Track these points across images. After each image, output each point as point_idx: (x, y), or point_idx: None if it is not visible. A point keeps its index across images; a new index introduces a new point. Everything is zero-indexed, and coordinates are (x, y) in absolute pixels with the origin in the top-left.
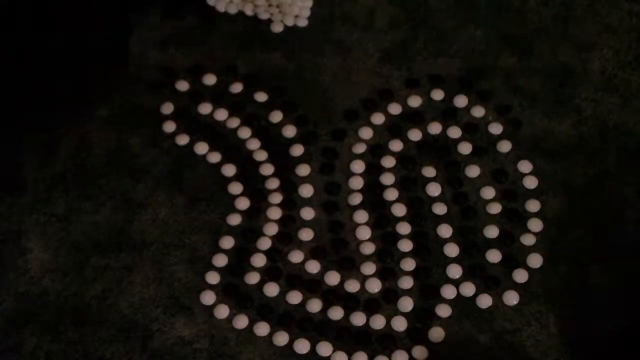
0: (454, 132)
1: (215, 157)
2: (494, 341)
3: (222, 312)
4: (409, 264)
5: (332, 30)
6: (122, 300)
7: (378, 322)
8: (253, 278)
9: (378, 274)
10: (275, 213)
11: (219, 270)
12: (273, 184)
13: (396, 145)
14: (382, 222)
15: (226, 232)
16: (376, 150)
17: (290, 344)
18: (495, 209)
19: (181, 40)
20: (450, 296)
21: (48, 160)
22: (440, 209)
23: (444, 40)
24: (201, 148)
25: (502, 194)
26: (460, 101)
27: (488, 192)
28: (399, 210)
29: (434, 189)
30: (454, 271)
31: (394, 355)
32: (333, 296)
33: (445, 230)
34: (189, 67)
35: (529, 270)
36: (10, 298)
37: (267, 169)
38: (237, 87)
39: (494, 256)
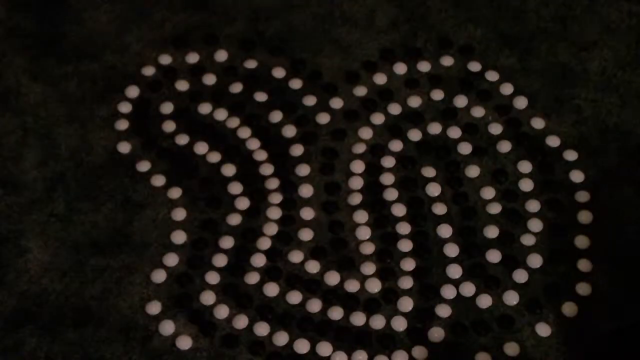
0: (454, 132)
1: (215, 157)
2: (494, 341)
3: (222, 312)
4: (409, 264)
5: (332, 30)
6: (122, 300)
7: (378, 322)
8: (253, 278)
9: (378, 274)
10: (275, 213)
11: (219, 270)
12: (273, 184)
13: (396, 145)
14: (382, 222)
15: (226, 232)
16: (376, 150)
17: (290, 344)
18: (495, 209)
19: (181, 40)
20: (450, 296)
21: (48, 160)
22: (440, 209)
23: (444, 40)
24: (201, 148)
25: (502, 194)
26: (460, 101)
27: (488, 192)
28: (399, 210)
29: (434, 189)
30: (454, 271)
31: (393, 355)
32: (333, 296)
33: (445, 230)
34: (189, 67)
35: (529, 270)
36: (10, 298)
37: (267, 169)
38: (237, 87)
39: (494, 256)
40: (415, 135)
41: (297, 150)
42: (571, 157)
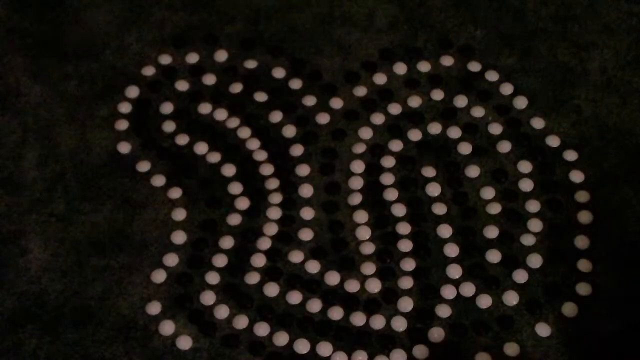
0: (454, 132)
1: (215, 157)
2: (494, 341)
3: (222, 312)
4: (409, 264)
5: (332, 30)
6: (122, 300)
7: (378, 322)
8: (253, 278)
9: (378, 274)
10: (275, 213)
11: (219, 270)
12: (273, 184)
13: (396, 145)
14: (382, 222)
15: (226, 232)
16: (376, 150)
17: (290, 344)
18: (495, 209)
19: (181, 40)
20: (450, 296)
21: (48, 160)
22: (440, 209)
23: (444, 40)
24: (201, 148)
25: (502, 194)
26: (460, 101)
27: (488, 192)
28: (399, 210)
29: (434, 189)
30: (454, 271)
31: (393, 355)
32: (333, 296)
33: (445, 230)
34: (189, 67)
35: (529, 270)
36: (10, 298)
37: (267, 169)
38: (237, 87)
39: (494, 256)
40: (415, 135)
41: (297, 150)
42: (571, 157)
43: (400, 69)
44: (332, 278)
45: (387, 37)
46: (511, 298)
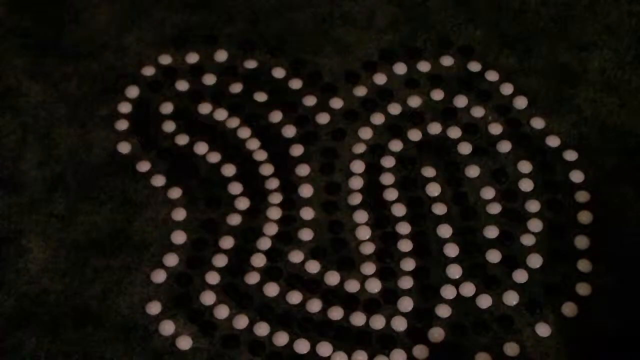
0: (454, 132)
1: (215, 157)
2: (494, 341)
3: (222, 312)
4: (409, 264)
5: (332, 30)
6: (122, 300)
7: (378, 322)
8: (253, 278)
9: (378, 274)
10: (275, 213)
11: (219, 270)
12: (273, 184)
13: (396, 145)
14: (382, 222)
15: (226, 232)
16: (376, 150)
17: (290, 344)
18: (495, 209)
19: (181, 40)
20: (450, 296)
21: (48, 160)
22: (440, 209)
23: (444, 40)
24: (201, 148)
25: (502, 194)
26: (460, 101)
27: (488, 192)
28: (399, 210)
29: (434, 189)
30: (454, 271)
31: (393, 355)
32: (333, 296)
33: (445, 230)
34: (189, 67)
35: (529, 270)
36: (10, 298)
37: (267, 169)
38: (237, 87)
39: (494, 256)
40: (415, 135)
41: (297, 150)
42: (571, 157)
43: (400, 69)
44: (332, 278)
45: (387, 37)
46: (511, 298)
